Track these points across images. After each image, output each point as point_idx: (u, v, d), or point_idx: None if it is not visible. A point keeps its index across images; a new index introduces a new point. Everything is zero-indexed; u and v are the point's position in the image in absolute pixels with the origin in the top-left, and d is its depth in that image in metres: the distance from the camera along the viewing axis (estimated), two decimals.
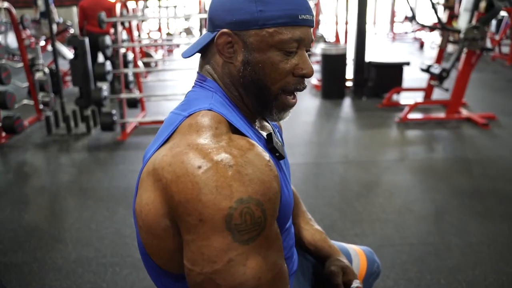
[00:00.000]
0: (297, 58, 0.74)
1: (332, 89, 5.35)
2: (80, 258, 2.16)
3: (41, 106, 4.38)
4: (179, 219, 0.64)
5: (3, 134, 3.98)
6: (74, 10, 3.79)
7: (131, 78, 4.42)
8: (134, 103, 4.49)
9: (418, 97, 4.93)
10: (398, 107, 4.77)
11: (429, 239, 2.24)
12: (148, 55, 6.95)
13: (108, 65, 3.90)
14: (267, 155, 0.69)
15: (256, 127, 0.82)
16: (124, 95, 4.08)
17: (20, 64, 4.44)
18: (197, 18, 4.60)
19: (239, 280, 0.62)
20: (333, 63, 5.25)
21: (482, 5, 3.90)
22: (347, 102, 5.21)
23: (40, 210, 2.77)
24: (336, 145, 3.78)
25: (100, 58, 5.22)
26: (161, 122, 3.72)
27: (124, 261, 2.11)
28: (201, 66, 0.81)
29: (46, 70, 4.11)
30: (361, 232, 2.32)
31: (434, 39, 9.96)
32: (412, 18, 6.09)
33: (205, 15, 4.08)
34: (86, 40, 3.78)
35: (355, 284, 0.94)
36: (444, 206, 2.60)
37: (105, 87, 3.98)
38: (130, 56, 4.65)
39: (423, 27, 6.11)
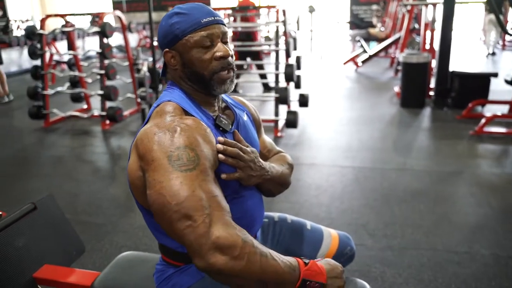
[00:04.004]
0: (215, 48, 1.06)
1: (411, 98, 5.30)
2: (143, 225, 2.62)
3: (139, 100, 5.08)
4: (143, 166, 0.98)
5: (107, 122, 4.73)
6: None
7: None
8: None
9: (506, 110, 4.68)
10: (478, 119, 4.58)
11: (456, 248, 2.29)
12: None
13: None
14: (206, 128, 1.02)
15: (213, 112, 1.13)
16: None
17: (126, 63, 5.21)
18: (273, 26, 4.94)
19: (176, 191, 0.91)
20: (413, 72, 5.20)
21: None
22: (426, 112, 5.13)
23: (122, 185, 3.33)
24: (398, 152, 3.83)
25: None
26: None
27: None
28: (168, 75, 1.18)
29: (145, 68, 4.78)
30: (391, 234, 2.44)
31: None
32: None
33: (281, 24, 4.41)
34: None
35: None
36: (487, 221, 2.58)
37: None
38: None
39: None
